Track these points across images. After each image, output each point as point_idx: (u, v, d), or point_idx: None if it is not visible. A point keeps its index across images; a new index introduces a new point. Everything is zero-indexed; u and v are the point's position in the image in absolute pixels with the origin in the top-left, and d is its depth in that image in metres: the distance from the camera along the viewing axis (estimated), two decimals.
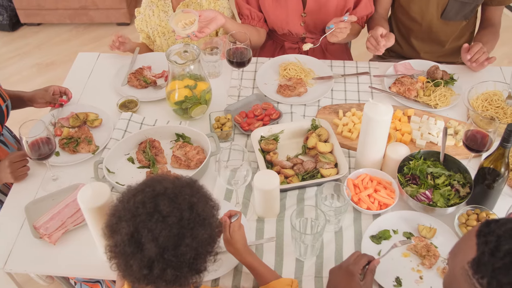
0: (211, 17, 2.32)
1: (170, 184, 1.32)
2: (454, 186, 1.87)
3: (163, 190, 1.29)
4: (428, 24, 2.66)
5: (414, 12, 2.65)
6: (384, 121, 1.85)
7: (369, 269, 1.56)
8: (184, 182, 1.36)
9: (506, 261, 1.09)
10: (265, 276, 1.58)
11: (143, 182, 1.35)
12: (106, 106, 2.33)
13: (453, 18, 2.62)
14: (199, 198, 1.33)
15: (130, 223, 1.25)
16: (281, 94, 2.38)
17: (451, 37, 2.72)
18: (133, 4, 4.90)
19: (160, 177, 1.37)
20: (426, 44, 2.77)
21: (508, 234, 1.12)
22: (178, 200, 1.28)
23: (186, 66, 2.12)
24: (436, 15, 2.62)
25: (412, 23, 2.71)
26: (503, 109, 2.21)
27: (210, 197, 1.40)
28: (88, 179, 2.01)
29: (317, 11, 2.57)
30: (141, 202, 1.27)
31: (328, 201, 1.88)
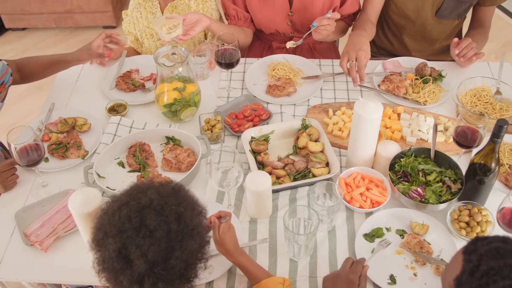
0: (196, 19, 2.31)
1: (155, 195, 1.28)
2: (446, 182, 1.87)
3: (148, 203, 1.25)
4: (422, 22, 2.67)
5: (410, 10, 2.65)
6: (374, 119, 1.85)
7: (362, 275, 1.55)
8: (169, 190, 1.32)
9: (483, 282, 1.08)
10: (257, 276, 1.58)
11: (127, 193, 1.31)
12: (95, 110, 2.32)
13: (447, 17, 2.63)
14: (186, 207, 1.30)
15: (117, 239, 1.22)
16: (270, 94, 2.37)
17: (443, 36, 2.73)
18: (119, 7, 4.87)
19: (145, 185, 1.33)
20: (418, 42, 2.77)
21: (490, 253, 1.11)
22: (164, 212, 1.25)
23: (175, 69, 2.11)
24: (431, 13, 2.62)
25: (405, 21, 2.71)
26: (492, 105, 2.22)
27: (197, 202, 1.37)
28: (78, 185, 1.99)
29: (304, 10, 2.57)
30: (126, 217, 1.23)
31: (320, 200, 1.88)
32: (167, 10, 2.54)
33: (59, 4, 4.64)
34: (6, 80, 2.11)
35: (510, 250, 1.11)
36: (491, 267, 1.09)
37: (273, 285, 1.54)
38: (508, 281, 1.06)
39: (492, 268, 1.09)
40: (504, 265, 1.08)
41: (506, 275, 1.07)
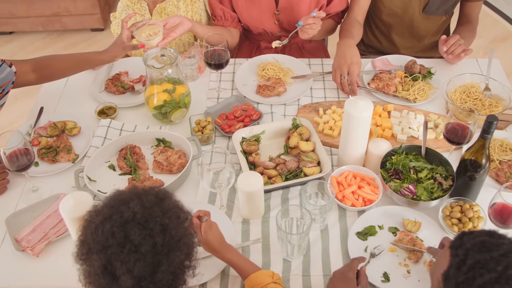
0: (177, 22, 2.30)
1: (138, 207, 1.23)
2: (437, 179, 1.88)
3: (131, 216, 1.21)
4: (410, 19, 2.68)
5: (397, 6, 2.66)
6: (365, 117, 1.85)
7: (361, 272, 1.55)
8: (152, 200, 1.27)
9: (469, 276, 1.09)
10: (247, 270, 1.58)
11: (109, 205, 1.26)
12: (84, 113, 2.30)
13: (434, 13, 2.64)
14: (170, 217, 1.26)
15: (101, 256, 1.19)
16: (260, 95, 2.37)
17: (431, 32, 2.74)
18: (107, 9, 4.85)
19: (127, 195, 1.28)
20: (406, 39, 2.78)
21: (476, 247, 1.12)
22: (149, 225, 1.21)
23: (164, 70, 2.10)
24: (418, 10, 2.63)
25: (393, 18, 2.71)
26: (481, 101, 2.23)
27: (182, 209, 1.33)
28: (69, 189, 1.97)
29: (290, 9, 2.58)
30: (110, 232, 1.20)
31: (312, 199, 1.88)
32: (156, 12, 2.53)
33: (46, 7, 4.61)
34: (5, 88, 2.08)
35: (496, 243, 1.12)
36: (477, 260, 1.10)
37: (262, 278, 1.54)
38: (494, 274, 1.07)
39: (478, 262, 1.09)
40: (490, 258, 1.09)
41: (492, 268, 1.08)
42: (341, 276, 1.54)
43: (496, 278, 1.06)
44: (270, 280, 1.53)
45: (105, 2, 4.82)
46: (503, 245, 1.11)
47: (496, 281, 1.06)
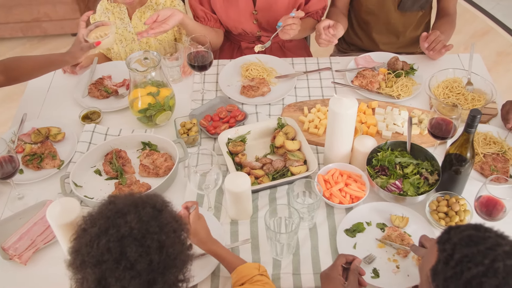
0: (168, 14, 2.30)
1: (135, 221, 1.19)
2: (423, 174, 1.89)
3: (128, 231, 1.17)
4: (386, 16, 2.70)
5: (372, 4, 2.68)
6: (350, 114, 1.86)
7: (351, 269, 1.55)
8: (150, 213, 1.23)
9: (457, 270, 1.10)
10: (233, 262, 1.59)
11: (105, 216, 1.21)
12: (68, 119, 2.28)
13: (409, 9, 2.66)
14: (167, 233, 1.22)
15: (96, 270, 1.16)
16: (245, 95, 2.37)
17: (409, 28, 2.77)
18: None
19: (124, 206, 1.23)
20: (384, 36, 2.80)
21: (464, 242, 1.13)
22: (146, 242, 1.17)
23: (148, 73, 2.09)
24: (393, 7, 2.66)
25: (370, 16, 2.74)
26: (464, 95, 2.26)
27: (178, 220, 1.30)
28: (55, 195, 1.96)
29: (268, 8, 2.58)
30: (105, 247, 1.16)
31: (300, 198, 1.89)
32: (135, 16, 2.52)
33: (26, 12, 4.56)
34: None
35: (483, 237, 1.13)
36: (465, 254, 1.10)
37: (249, 270, 1.55)
38: (482, 267, 1.08)
39: (466, 256, 1.10)
40: (477, 252, 1.10)
41: (479, 261, 1.08)
42: (326, 277, 1.55)
43: (483, 272, 1.07)
44: (257, 272, 1.54)
45: (85, 7, 4.78)
46: (489, 239, 1.12)
47: (484, 274, 1.07)
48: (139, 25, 2.53)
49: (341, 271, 1.54)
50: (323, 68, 2.54)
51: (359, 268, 1.56)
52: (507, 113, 2.11)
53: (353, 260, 1.57)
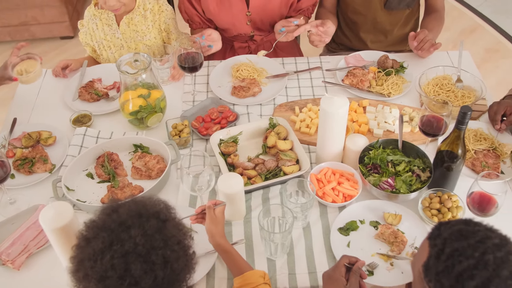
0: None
1: (140, 237, 1.16)
2: (415, 171, 1.90)
3: (133, 247, 1.15)
4: (373, 15, 2.71)
5: (358, 4, 2.69)
6: (341, 113, 1.86)
7: (352, 270, 1.54)
8: (154, 225, 1.20)
9: (448, 264, 1.11)
10: (240, 265, 1.59)
11: (108, 227, 1.18)
12: (59, 122, 2.27)
13: (396, 7, 2.67)
14: (172, 247, 1.20)
15: (99, 286, 1.15)
16: (236, 96, 2.37)
17: (397, 26, 2.78)
18: (75, 17, 4.79)
19: (127, 216, 1.20)
20: (372, 34, 2.81)
21: (454, 236, 1.14)
22: (150, 258, 1.16)
23: (138, 76, 2.08)
24: (380, 6, 2.67)
25: (357, 15, 2.75)
26: (454, 92, 2.27)
27: (182, 230, 1.28)
28: (47, 199, 1.95)
29: (262, 8, 2.58)
30: (110, 264, 1.14)
31: (293, 198, 1.89)
32: (123, 23, 2.51)
33: (13, 16, 4.53)
34: None
35: (472, 231, 1.15)
36: (455, 248, 1.12)
37: (255, 277, 1.54)
38: (473, 260, 1.09)
39: (456, 250, 1.12)
40: (467, 246, 1.11)
41: (470, 255, 1.10)
42: (329, 277, 1.54)
43: (474, 264, 1.09)
44: (262, 280, 1.54)
45: (74, 10, 4.77)
46: (479, 232, 1.14)
47: (475, 267, 1.08)
48: (127, 31, 2.52)
49: (344, 272, 1.53)
50: (314, 67, 2.54)
51: (360, 270, 1.55)
52: (495, 114, 2.12)
53: (356, 261, 1.56)
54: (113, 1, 2.32)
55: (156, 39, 2.57)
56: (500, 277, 1.07)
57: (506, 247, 1.11)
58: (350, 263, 1.55)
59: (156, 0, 2.54)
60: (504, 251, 1.10)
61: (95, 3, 2.54)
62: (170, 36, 2.60)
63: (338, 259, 1.70)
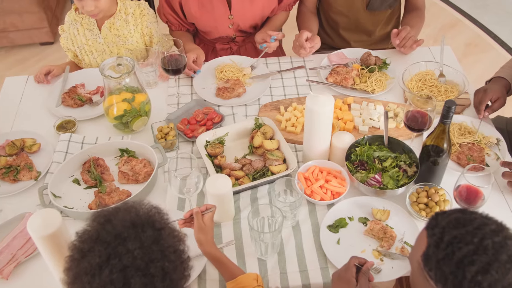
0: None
1: (137, 250, 1.15)
2: (401, 167, 1.91)
3: (131, 261, 1.13)
4: (355, 16, 2.72)
5: (340, 5, 2.70)
6: (327, 111, 1.87)
7: (362, 271, 1.54)
8: (150, 235, 1.18)
9: (448, 251, 1.14)
10: (232, 270, 1.58)
11: (103, 240, 1.16)
12: (43, 129, 2.25)
13: (378, 8, 2.69)
14: (169, 257, 1.19)
15: None
16: (220, 97, 2.37)
17: (379, 26, 2.79)
18: (55, 22, 4.75)
19: (122, 227, 1.18)
20: (355, 34, 2.83)
21: (452, 224, 1.17)
22: (149, 270, 1.15)
23: (122, 80, 2.07)
24: (362, 7, 2.68)
25: (339, 16, 2.76)
26: (437, 87, 2.29)
27: (177, 236, 1.26)
28: (34, 207, 1.93)
29: (243, 10, 2.59)
30: (108, 280, 1.12)
31: (281, 197, 1.89)
32: (104, 27, 2.49)
33: None
34: None
35: (469, 219, 1.18)
36: (454, 236, 1.15)
37: (248, 281, 1.54)
38: (472, 246, 1.12)
39: (455, 237, 1.14)
40: (465, 233, 1.14)
41: (469, 241, 1.13)
42: (339, 278, 1.55)
43: (474, 250, 1.12)
44: (255, 283, 1.54)
45: (53, 15, 4.72)
46: (476, 220, 1.17)
47: (474, 252, 1.11)
48: (108, 36, 2.51)
49: (355, 273, 1.53)
50: (297, 66, 2.55)
51: (369, 273, 1.55)
52: (479, 103, 2.14)
53: (365, 262, 1.56)
54: (90, 6, 2.30)
55: (139, 43, 2.56)
56: (499, 261, 1.10)
57: (503, 232, 1.15)
58: (360, 263, 1.56)
59: (138, 4, 2.53)
60: (502, 236, 1.14)
61: (76, 8, 2.52)
62: (152, 39, 2.59)
63: (328, 257, 1.72)
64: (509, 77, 2.22)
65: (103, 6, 2.34)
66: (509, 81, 2.21)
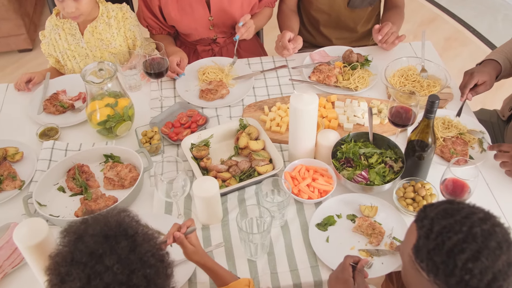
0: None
1: (116, 265, 1.12)
2: (387, 162, 1.92)
3: (112, 277, 1.11)
4: (337, 14, 2.73)
5: (322, 3, 2.71)
6: (311, 110, 1.87)
7: (357, 269, 1.53)
8: (125, 246, 1.15)
9: (439, 241, 1.16)
10: (225, 277, 1.57)
11: (79, 261, 1.12)
12: (25, 137, 2.22)
13: (359, 6, 2.70)
14: (149, 263, 1.17)
15: None
16: (204, 99, 2.36)
17: (360, 23, 2.81)
18: (33, 29, 4.70)
19: (94, 243, 1.15)
20: (336, 32, 2.84)
21: (440, 215, 1.20)
22: (133, 281, 1.12)
23: (104, 85, 2.05)
24: (343, 5, 2.69)
25: (320, 14, 2.77)
26: (419, 82, 2.30)
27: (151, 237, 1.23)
28: (19, 217, 1.90)
29: (223, 11, 2.58)
30: None
31: (269, 197, 1.89)
32: (87, 32, 2.46)
33: None
34: None
35: (457, 209, 1.20)
36: (443, 226, 1.17)
37: (241, 287, 1.53)
38: (461, 234, 1.14)
39: (445, 227, 1.16)
40: (454, 222, 1.16)
41: (458, 230, 1.15)
42: (336, 279, 1.54)
43: (463, 238, 1.13)
44: None
45: (31, 22, 4.67)
46: (463, 209, 1.19)
47: (464, 240, 1.13)
48: (91, 40, 2.48)
49: (351, 272, 1.53)
50: (280, 66, 2.55)
51: (364, 270, 1.55)
52: (464, 86, 2.16)
53: (359, 260, 1.56)
54: (71, 7, 2.28)
55: (122, 46, 2.54)
56: (489, 248, 1.12)
57: (490, 220, 1.17)
58: (354, 262, 1.56)
59: (120, 8, 2.51)
60: (489, 223, 1.16)
61: (57, 13, 2.49)
62: (135, 43, 2.57)
63: (318, 255, 1.72)
64: (501, 59, 2.23)
65: (84, 8, 2.32)
66: (500, 64, 2.22)
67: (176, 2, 2.54)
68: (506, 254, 1.13)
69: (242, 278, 1.58)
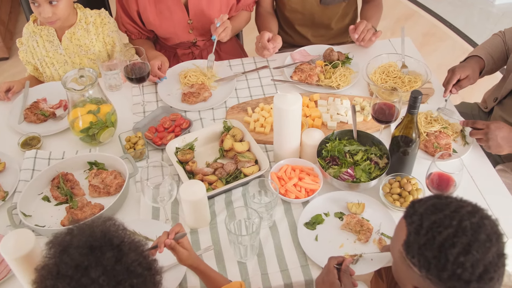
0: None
1: (102, 277, 1.10)
2: (373, 159, 1.93)
3: None
4: (310, 12, 2.74)
5: (294, 3, 2.72)
6: (295, 110, 1.87)
7: (342, 270, 1.54)
8: (110, 256, 1.14)
9: (429, 236, 1.16)
10: (217, 280, 1.56)
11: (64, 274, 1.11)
12: (6, 148, 2.19)
13: (332, 2, 2.72)
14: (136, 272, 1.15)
15: None
16: (186, 102, 2.35)
17: (334, 19, 2.82)
18: (9, 37, 4.65)
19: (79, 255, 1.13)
20: (312, 30, 2.85)
21: (429, 210, 1.20)
22: None
23: (85, 91, 2.03)
24: (316, 2, 2.70)
25: (294, 13, 2.78)
26: (401, 78, 2.32)
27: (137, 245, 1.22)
28: (5, 229, 1.87)
29: (202, 14, 2.58)
30: None
31: (256, 198, 1.89)
32: (65, 38, 2.44)
33: None
34: None
35: (445, 203, 1.21)
36: (433, 221, 1.17)
37: None
38: (451, 229, 1.15)
39: (434, 222, 1.17)
40: (444, 217, 1.17)
41: (448, 224, 1.16)
42: (323, 282, 1.54)
43: (453, 232, 1.14)
44: None
45: (6, 30, 4.62)
46: (452, 203, 1.20)
47: (454, 235, 1.14)
48: (69, 46, 2.46)
49: (336, 274, 1.53)
50: (261, 67, 2.55)
51: (349, 269, 1.56)
52: (447, 83, 2.18)
53: (343, 260, 1.56)
54: (48, 12, 2.25)
55: (101, 52, 2.52)
56: (479, 241, 1.13)
57: (479, 213, 1.18)
58: (338, 262, 1.56)
59: (98, 13, 2.49)
60: (478, 216, 1.17)
61: (34, 20, 2.47)
62: (114, 48, 2.55)
63: (308, 254, 1.72)
64: (483, 55, 2.26)
65: (61, 13, 2.30)
66: (483, 59, 2.25)
67: (155, 7, 2.53)
68: (496, 246, 1.15)
69: (233, 281, 1.57)
